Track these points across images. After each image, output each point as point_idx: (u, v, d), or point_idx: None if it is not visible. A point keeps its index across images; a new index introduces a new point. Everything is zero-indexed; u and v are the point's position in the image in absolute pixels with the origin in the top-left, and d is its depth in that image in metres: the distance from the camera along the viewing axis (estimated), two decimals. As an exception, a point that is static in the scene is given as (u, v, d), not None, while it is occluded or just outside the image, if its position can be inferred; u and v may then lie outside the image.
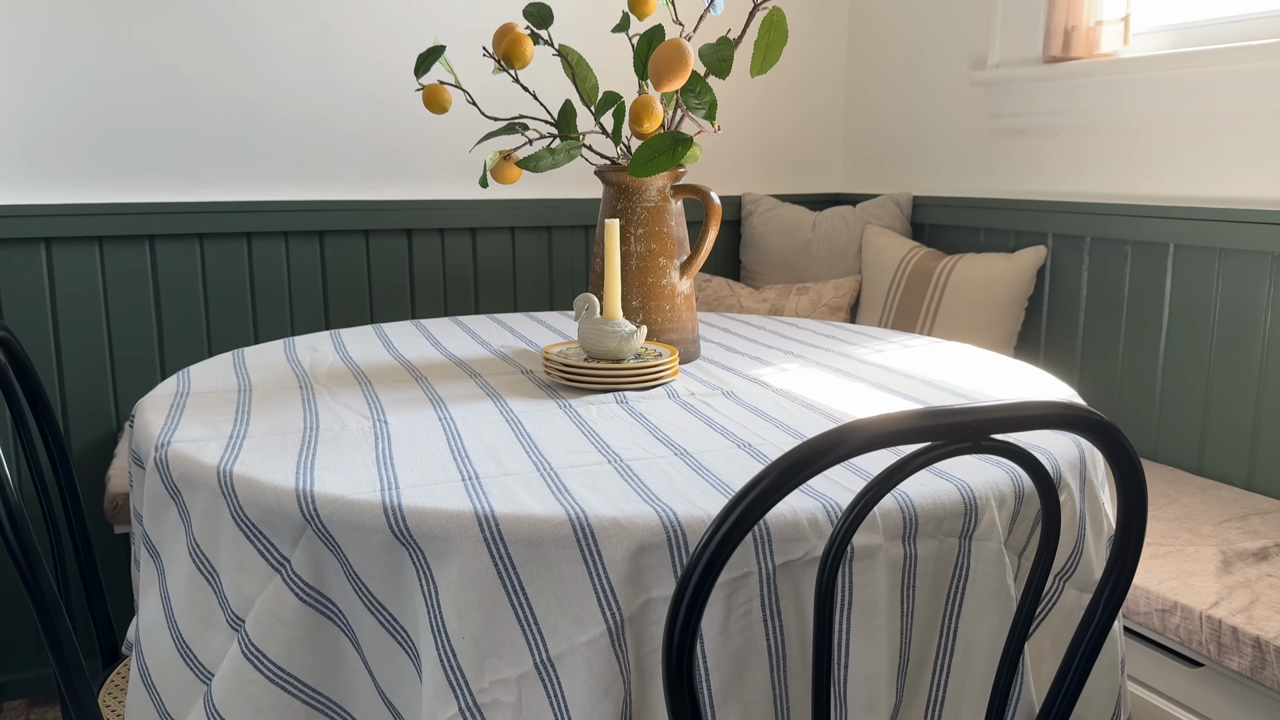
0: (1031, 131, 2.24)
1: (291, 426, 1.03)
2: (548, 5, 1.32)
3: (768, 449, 0.97)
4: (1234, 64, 1.74)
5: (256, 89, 2.19)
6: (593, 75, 1.33)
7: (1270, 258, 1.73)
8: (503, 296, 2.48)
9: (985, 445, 0.70)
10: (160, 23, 2.09)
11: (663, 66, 1.09)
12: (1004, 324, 2.19)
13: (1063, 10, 2.05)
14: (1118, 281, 2.03)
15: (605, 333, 1.25)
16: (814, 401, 1.16)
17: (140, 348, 2.15)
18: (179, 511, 0.92)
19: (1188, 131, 1.88)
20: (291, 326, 2.28)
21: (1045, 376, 1.31)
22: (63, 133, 2.05)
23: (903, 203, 2.60)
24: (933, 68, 2.53)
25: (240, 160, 2.20)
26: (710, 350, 1.49)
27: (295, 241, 2.26)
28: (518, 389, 1.22)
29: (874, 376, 1.30)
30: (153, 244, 2.13)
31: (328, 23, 2.23)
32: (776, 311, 2.49)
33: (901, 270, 2.38)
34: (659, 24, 1.20)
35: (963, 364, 1.37)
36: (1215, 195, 1.84)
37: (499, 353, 1.45)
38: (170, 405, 1.12)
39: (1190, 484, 1.80)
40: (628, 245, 1.37)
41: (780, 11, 1.18)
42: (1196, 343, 1.88)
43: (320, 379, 1.26)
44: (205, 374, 1.28)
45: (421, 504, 0.80)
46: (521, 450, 0.95)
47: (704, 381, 1.27)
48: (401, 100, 2.33)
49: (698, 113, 1.17)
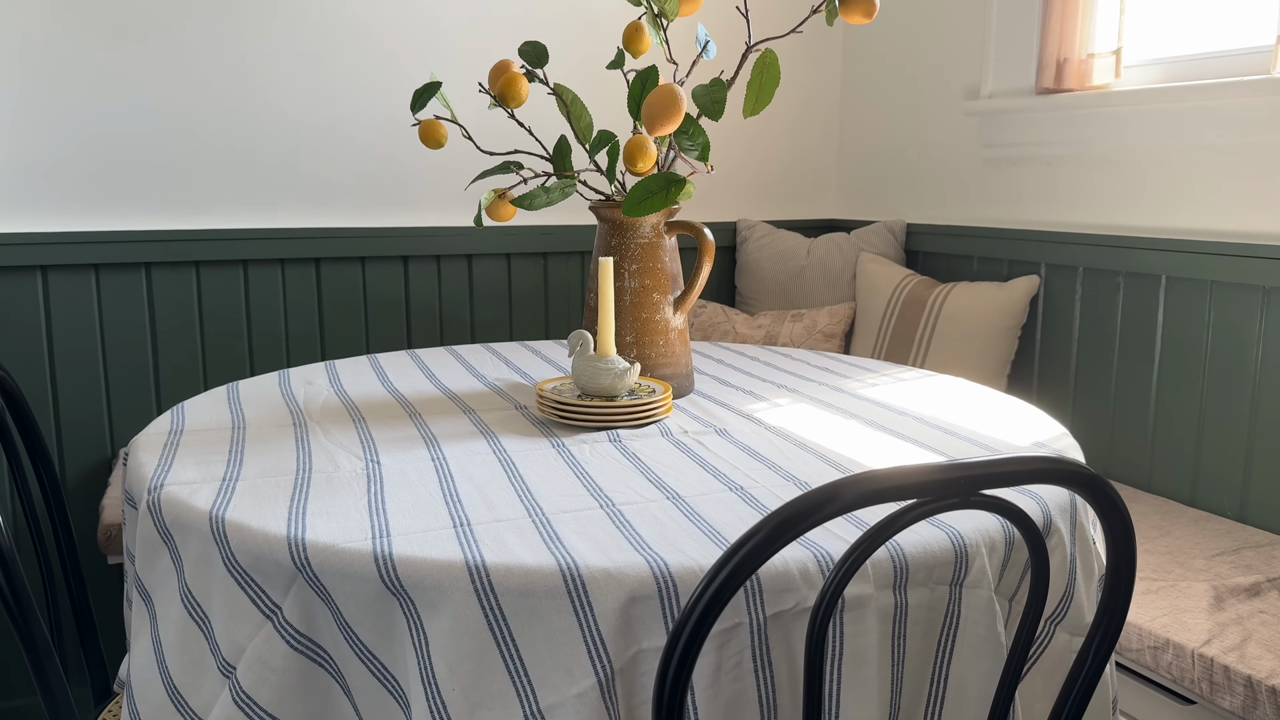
0: (1024, 161, 2.25)
1: (284, 468, 1.03)
2: (543, 45, 1.33)
3: (760, 492, 0.98)
4: (1223, 99, 1.76)
5: (254, 118, 2.20)
6: (587, 114, 1.34)
7: (1261, 291, 1.74)
8: (499, 322, 2.49)
9: (975, 500, 0.71)
10: (158, 51, 2.10)
11: (656, 112, 1.10)
12: (997, 353, 2.20)
13: (1055, 43, 2.07)
14: (1110, 312, 2.03)
15: (599, 370, 1.25)
16: (806, 440, 1.17)
17: (135, 375, 2.15)
18: (171, 556, 0.92)
19: (1179, 164, 1.90)
20: (287, 353, 2.28)
21: (1036, 413, 1.31)
22: (59, 160, 2.06)
23: (897, 230, 2.61)
24: (926, 97, 2.55)
25: (237, 188, 2.21)
26: (704, 383, 1.49)
27: (292, 269, 2.26)
28: (511, 426, 1.22)
29: (866, 413, 1.30)
30: (149, 272, 2.13)
31: (325, 53, 2.24)
32: (771, 338, 2.50)
33: (896, 298, 2.39)
34: (653, 65, 1.21)
35: (955, 399, 1.37)
36: (1206, 228, 1.85)
37: (493, 386, 1.45)
38: (164, 444, 1.12)
39: (1183, 516, 1.81)
40: (622, 281, 1.37)
41: (773, 53, 1.19)
42: (1189, 374, 1.88)
43: (314, 415, 1.26)
44: (199, 410, 1.28)
45: (412, 553, 0.80)
46: (514, 493, 0.96)
47: (697, 418, 1.28)
48: (398, 129, 2.34)
49: (690, 154, 1.18)
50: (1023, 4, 2.22)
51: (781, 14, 2.74)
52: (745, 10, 1.19)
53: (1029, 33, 2.21)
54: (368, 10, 2.27)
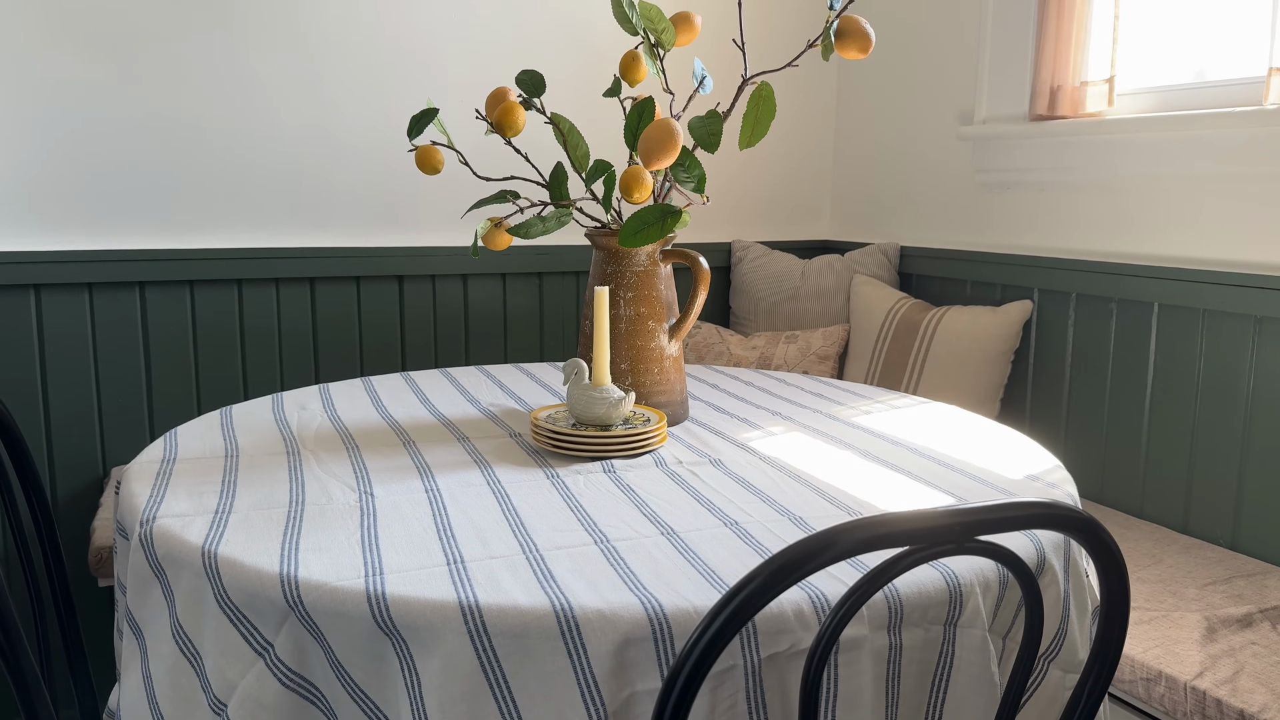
0: (1018, 186, 2.26)
1: (277, 500, 1.03)
2: (540, 74, 1.33)
3: (755, 528, 0.97)
4: (1215, 129, 1.77)
5: (250, 137, 2.20)
6: (584, 143, 1.34)
7: (1253, 320, 1.75)
8: (493, 342, 2.49)
9: (969, 546, 0.71)
10: (154, 70, 2.10)
11: (653, 146, 1.10)
12: (990, 377, 2.21)
13: (1049, 70, 2.08)
14: (1103, 338, 2.04)
15: (594, 399, 1.25)
16: (801, 471, 1.17)
17: (128, 395, 2.14)
18: (163, 590, 0.92)
19: (1171, 192, 1.91)
20: (281, 373, 2.28)
21: (1029, 444, 1.31)
22: (54, 179, 2.06)
23: (890, 253, 2.62)
24: (921, 121, 2.56)
25: (232, 207, 2.21)
26: (698, 410, 1.49)
27: (286, 288, 2.26)
28: (506, 455, 1.22)
29: (860, 442, 1.31)
30: (143, 291, 2.13)
31: (322, 73, 2.25)
32: (765, 359, 2.50)
33: (889, 321, 2.39)
34: (650, 96, 1.21)
35: (948, 429, 1.38)
36: (1199, 256, 1.86)
37: (488, 412, 1.45)
38: (156, 473, 1.11)
39: (1175, 543, 1.81)
40: (617, 309, 1.38)
41: (769, 86, 1.20)
42: (1181, 401, 1.89)
43: (308, 443, 1.26)
44: (192, 437, 1.28)
45: (405, 593, 0.80)
46: (508, 528, 0.95)
47: (691, 447, 1.28)
48: (394, 149, 2.35)
49: (687, 185, 1.19)
50: (1017, 31, 2.23)
51: (778, 46, 2.76)
52: (742, 44, 1.20)
53: (1023, 59, 2.22)
54: (365, 31, 2.28)
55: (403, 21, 2.31)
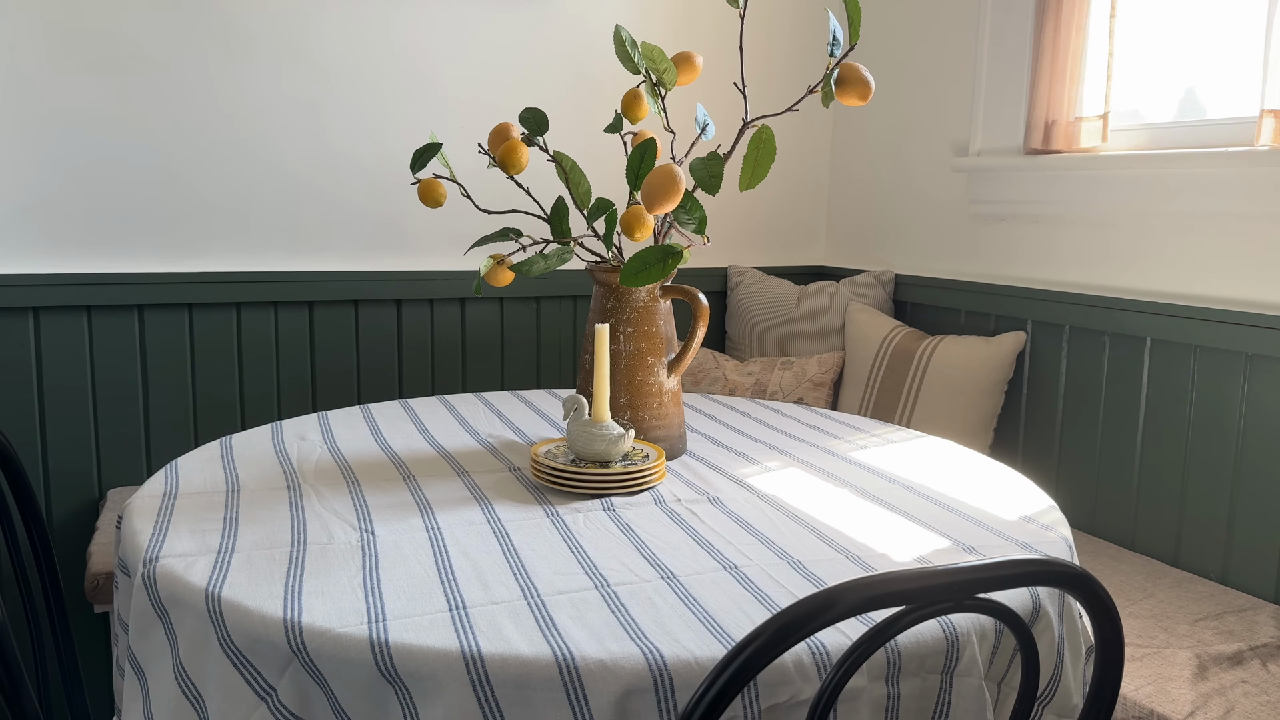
0: (1012, 218, 2.29)
1: (279, 539, 1.03)
2: (543, 112, 1.35)
3: (753, 572, 0.98)
4: (1208, 168, 1.80)
5: (250, 161, 2.21)
6: (585, 180, 1.36)
7: (1244, 357, 1.77)
8: (490, 365, 2.50)
9: (967, 604, 0.72)
10: (154, 94, 2.12)
11: (655, 192, 1.12)
12: (984, 407, 2.22)
13: (1043, 104, 2.11)
14: (1096, 371, 2.06)
15: (593, 435, 1.26)
16: (798, 511, 1.18)
17: (125, 418, 2.14)
18: (166, 632, 0.92)
19: (1164, 229, 1.93)
20: (279, 396, 2.28)
21: (1023, 483, 1.33)
22: (54, 202, 2.06)
23: (885, 280, 2.64)
24: (915, 151, 2.58)
25: (231, 231, 2.22)
26: (696, 442, 1.50)
27: (285, 311, 2.27)
28: (505, 491, 1.22)
29: (857, 479, 1.32)
30: (141, 314, 2.13)
31: (323, 97, 2.26)
32: (761, 385, 2.52)
33: (884, 349, 2.41)
34: (651, 137, 1.23)
35: (943, 466, 1.39)
36: (1191, 292, 1.88)
37: (486, 444, 1.46)
38: (158, 509, 1.12)
39: (1167, 576, 1.82)
40: (616, 344, 1.39)
41: (769, 129, 1.22)
42: (1173, 436, 1.91)
43: (308, 477, 1.26)
44: (193, 469, 1.28)
45: (408, 640, 0.80)
46: (509, 570, 0.96)
47: (690, 484, 1.29)
48: (395, 172, 2.36)
49: (688, 227, 1.20)
50: (1012, 65, 2.26)
51: (778, 85, 2.78)
52: (743, 87, 1.21)
53: (1018, 93, 2.25)
54: (367, 56, 2.29)
55: (405, 47, 2.33)
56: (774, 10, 2.75)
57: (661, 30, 2.60)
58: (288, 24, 2.21)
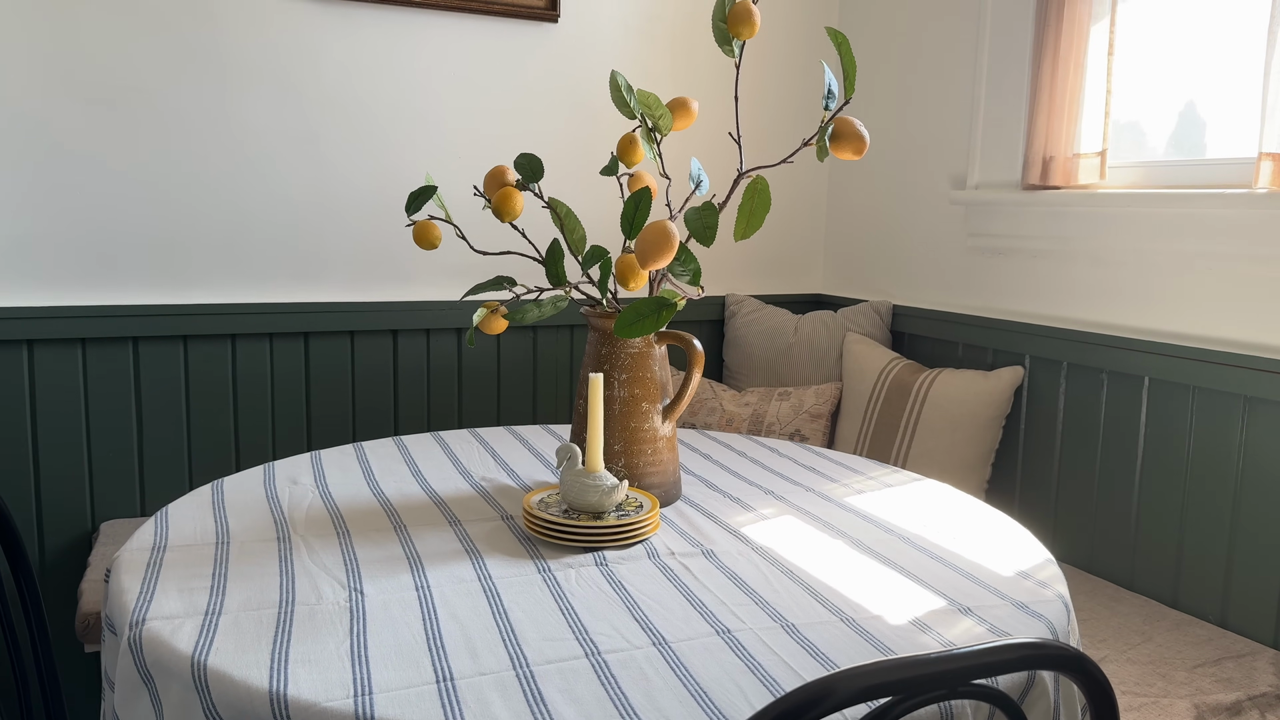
0: (1010, 252, 2.28)
1: (268, 598, 1.02)
2: (538, 159, 1.34)
3: (746, 637, 0.97)
4: (1206, 208, 1.79)
5: (246, 192, 2.21)
6: (580, 226, 1.35)
7: (1242, 400, 1.76)
8: (487, 394, 2.49)
9: (962, 691, 0.71)
10: (149, 124, 2.11)
11: (649, 249, 1.11)
12: (982, 442, 2.21)
13: (1041, 140, 2.10)
14: (1094, 408, 2.05)
15: (587, 486, 1.25)
16: (793, 566, 1.17)
17: (119, 450, 2.13)
18: (151, 699, 0.91)
19: (1162, 268, 1.92)
20: (273, 427, 2.27)
21: (1021, 534, 1.32)
22: (47, 234, 2.06)
23: (883, 311, 2.63)
24: (913, 182, 2.58)
25: (227, 262, 2.21)
26: (691, 486, 1.49)
27: (280, 343, 2.26)
28: (497, 543, 1.21)
29: (853, 529, 1.31)
30: (136, 346, 2.13)
31: (319, 127, 2.26)
32: (758, 416, 2.51)
33: (882, 381, 2.40)
34: (646, 187, 1.22)
35: (939, 514, 1.38)
36: (1189, 332, 1.87)
37: (479, 488, 1.45)
38: (147, 563, 1.11)
39: (1165, 619, 1.81)
40: (611, 390, 1.38)
41: (763, 180, 1.21)
42: (1171, 476, 1.90)
43: (298, 526, 1.25)
44: (183, 518, 1.27)
45: (394, 716, 0.79)
46: (498, 636, 0.95)
47: (684, 534, 1.28)
48: (391, 203, 2.35)
49: (682, 279, 1.19)
50: (1009, 101, 2.26)
51: (773, 135, 2.78)
52: (738, 137, 1.21)
53: (1015, 128, 2.25)
54: (363, 87, 2.29)
55: (402, 77, 2.32)
56: (770, 57, 2.75)
57: (659, 64, 2.60)
58: (285, 55, 2.21)
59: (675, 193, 2.63)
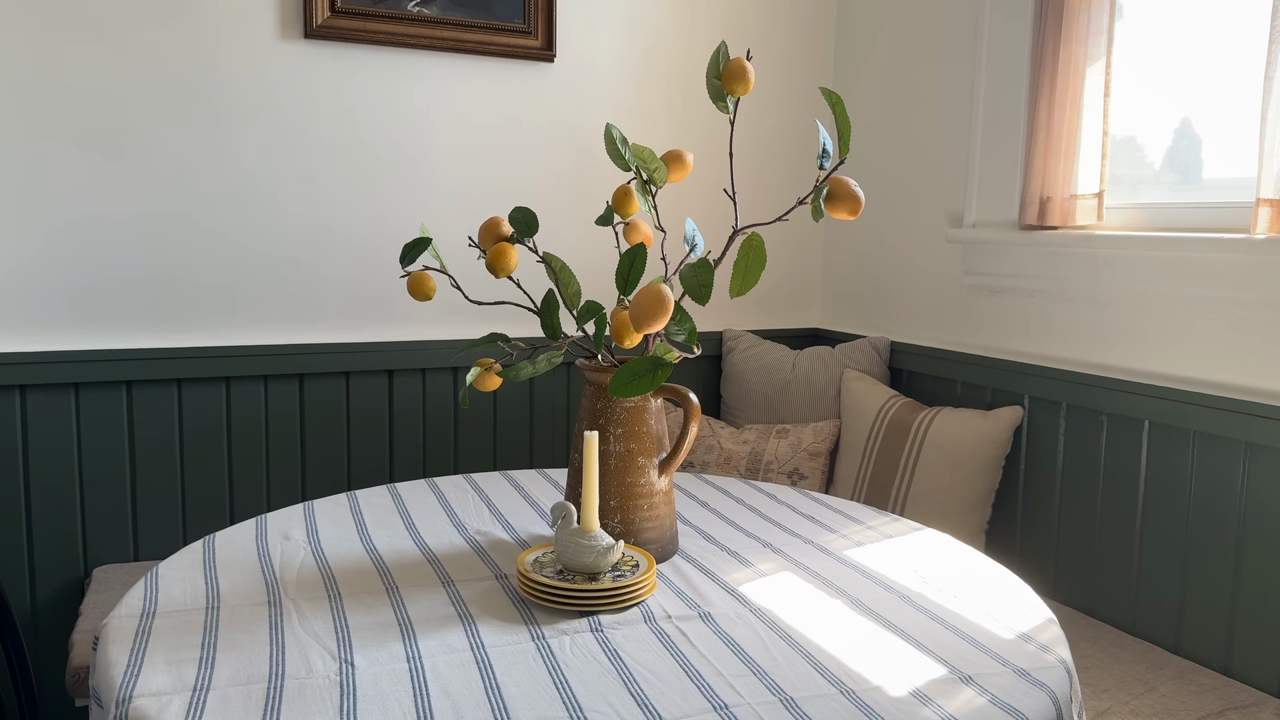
0: (1007, 292, 2.27)
1: (257, 671, 1.00)
2: (532, 213, 1.33)
3: (744, 713, 0.96)
4: (1205, 252, 1.78)
5: (240, 233, 2.20)
6: (575, 281, 1.34)
7: (1244, 446, 1.75)
8: (482, 433, 2.47)
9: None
10: (142, 167, 2.11)
11: (644, 314, 1.10)
12: (982, 483, 2.20)
13: (1038, 181, 2.10)
14: (1094, 450, 2.04)
15: (582, 547, 1.23)
16: (792, 630, 1.15)
17: (112, 494, 2.11)
18: (135, 783, 0.89)
19: (1161, 310, 1.91)
20: (267, 471, 2.25)
21: (1023, 592, 1.30)
22: (40, 278, 2.05)
23: (881, 347, 2.62)
24: (910, 219, 2.58)
25: (221, 304, 2.20)
26: (688, 539, 1.48)
27: (274, 384, 2.24)
28: (491, 606, 1.20)
29: (852, 587, 1.29)
30: (130, 390, 2.11)
31: (314, 168, 2.25)
32: (756, 455, 2.49)
33: (880, 420, 2.39)
34: (641, 244, 1.21)
35: (939, 568, 1.36)
36: (1189, 376, 1.86)
37: (474, 543, 1.43)
38: (135, 633, 1.09)
39: (1168, 666, 1.79)
40: (606, 445, 1.37)
41: (759, 237, 1.20)
42: (1172, 521, 1.88)
43: (290, 588, 1.24)
44: (173, 579, 1.25)
45: (385, 809, 0.78)
46: (489, 714, 0.93)
47: (680, 594, 1.26)
48: (385, 243, 2.35)
49: (677, 338, 1.18)
50: (1006, 140, 2.25)
51: (769, 194, 2.78)
52: (733, 194, 1.20)
53: (1012, 168, 2.24)
54: (358, 127, 2.29)
55: (396, 117, 2.32)
56: (766, 105, 2.75)
57: (655, 103, 2.61)
58: (279, 96, 2.20)
59: (670, 245, 2.62)
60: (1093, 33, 2.00)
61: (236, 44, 2.15)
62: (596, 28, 2.50)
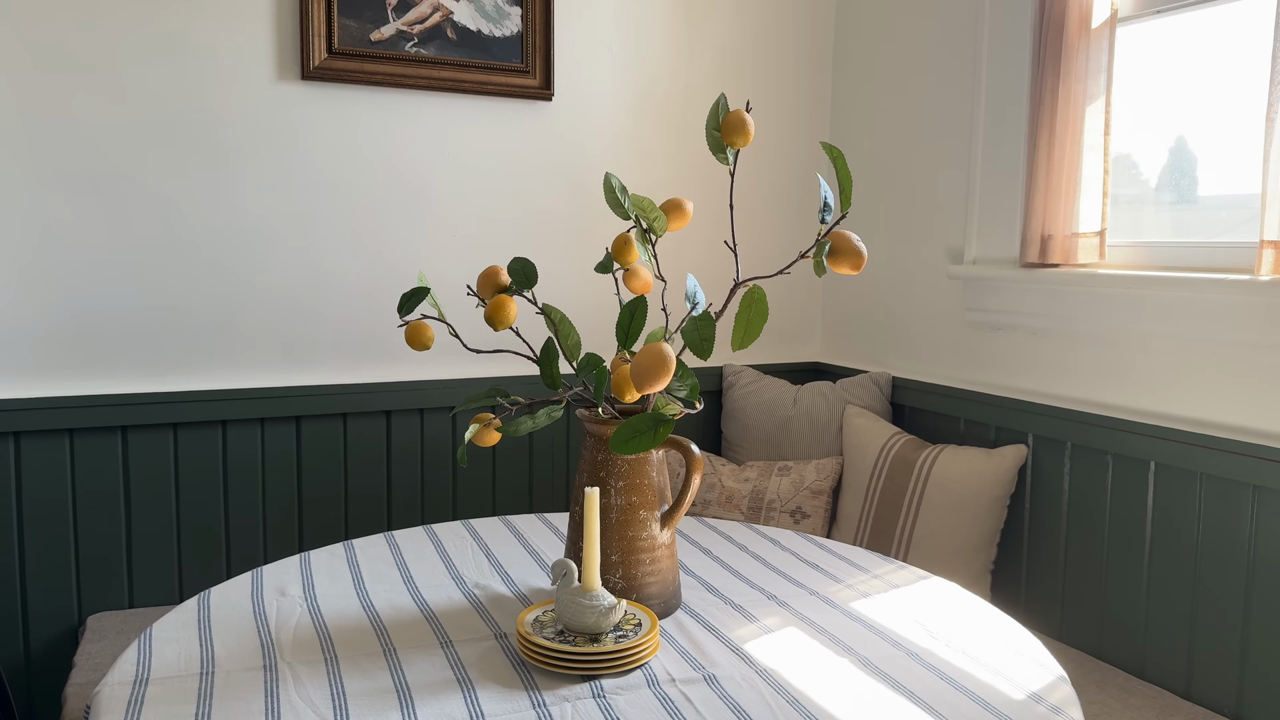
0: (1009, 329, 2.26)
1: (251, 746, 0.98)
2: (531, 264, 1.32)
3: (750, 788, 0.93)
4: (1208, 293, 1.77)
5: (237, 276, 2.19)
6: (575, 332, 1.33)
7: (1251, 489, 1.73)
8: (481, 474, 2.45)
9: None
10: (138, 209, 2.09)
11: (644, 375, 1.08)
12: (987, 523, 2.17)
13: (1039, 219, 2.09)
14: (1099, 491, 2.02)
15: (583, 607, 1.21)
16: (798, 693, 1.13)
17: (107, 541, 2.09)
18: None
19: (1164, 350, 1.90)
20: (264, 514, 2.23)
21: (1034, 647, 1.28)
22: (35, 323, 2.03)
23: (882, 383, 2.60)
24: (910, 254, 2.57)
25: (217, 348, 2.18)
26: (691, 591, 1.45)
27: (271, 427, 2.22)
28: (490, 670, 1.17)
29: (860, 644, 1.27)
30: (125, 435, 2.09)
31: (309, 210, 2.24)
32: (759, 493, 2.47)
33: (883, 458, 2.37)
34: (642, 296, 1.20)
35: (948, 622, 1.34)
36: (1194, 416, 1.84)
37: (472, 599, 1.41)
38: (128, 702, 1.07)
39: (1179, 713, 1.76)
40: (607, 498, 1.34)
41: (760, 289, 1.19)
42: (1180, 563, 1.86)
43: (285, 651, 1.21)
44: (167, 641, 1.23)
45: None
46: (492, 791, 0.91)
47: (684, 654, 1.24)
48: (383, 283, 2.33)
49: (678, 394, 1.16)
50: (1006, 177, 2.25)
51: (770, 246, 2.77)
52: (734, 246, 1.19)
53: (1013, 206, 2.23)
54: (356, 168, 2.28)
55: (394, 158, 2.32)
56: (767, 161, 2.75)
57: (654, 141, 2.60)
58: (276, 137, 2.20)
59: (671, 294, 2.60)
60: (1092, 71, 2.00)
61: (233, 85, 2.15)
62: (595, 67, 2.50)
